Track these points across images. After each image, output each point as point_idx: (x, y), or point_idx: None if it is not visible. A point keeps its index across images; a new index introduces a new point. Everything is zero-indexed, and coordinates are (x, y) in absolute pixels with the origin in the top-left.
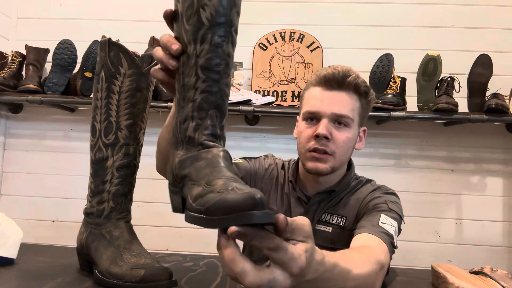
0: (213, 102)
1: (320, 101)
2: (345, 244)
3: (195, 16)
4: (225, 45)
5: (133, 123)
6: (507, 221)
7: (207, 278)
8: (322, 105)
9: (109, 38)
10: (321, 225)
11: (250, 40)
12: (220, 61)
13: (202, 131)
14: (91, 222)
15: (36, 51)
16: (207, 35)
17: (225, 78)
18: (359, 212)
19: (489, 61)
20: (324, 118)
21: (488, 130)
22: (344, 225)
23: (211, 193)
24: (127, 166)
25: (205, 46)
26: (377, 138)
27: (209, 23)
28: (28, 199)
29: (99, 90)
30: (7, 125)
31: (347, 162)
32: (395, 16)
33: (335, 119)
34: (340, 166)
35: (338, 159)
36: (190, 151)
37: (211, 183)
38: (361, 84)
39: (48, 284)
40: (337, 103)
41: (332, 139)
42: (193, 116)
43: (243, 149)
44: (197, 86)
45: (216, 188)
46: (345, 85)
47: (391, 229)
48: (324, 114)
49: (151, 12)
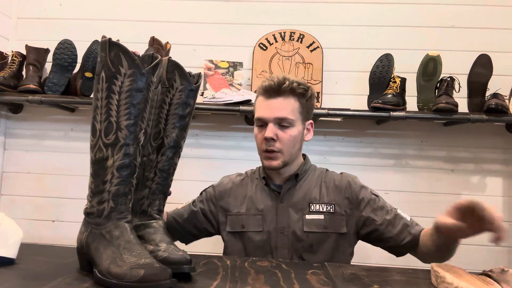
0: (161, 190)
1: (264, 108)
2: (334, 228)
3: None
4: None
5: (133, 123)
6: (507, 221)
7: (207, 278)
8: (266, 112)
9: (109, 38)
10: (313, 214)
11: (250, 40)
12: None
13: (153, 207)
14: (91, 222)
15: (36, 51)
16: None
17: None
18: (351, 202)
19: (489, 61)
20: (269, 122)
21: (488, 130)
22: (335, 211)
23: (163, 252)
24: (127, 166)
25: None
26: (377, 138)
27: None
28: (28, 199)
29: (99, 90)
30: (7, 125)
31: (298, 154)
32: (395, 16)
33: (278, 122)
34: (291, 159)
35: (286, 154)
36: (142, 220)
37: (159, 244)
38: (296, 88)
39: (48, 284)
40: (277, 108)
41: (278, 139)
42: (148, 197)
43: (243, 149)
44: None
45: (166, 247)
46: (282, 92)
47: (403, 214)
48: (268, 119)
49: (151, 12)
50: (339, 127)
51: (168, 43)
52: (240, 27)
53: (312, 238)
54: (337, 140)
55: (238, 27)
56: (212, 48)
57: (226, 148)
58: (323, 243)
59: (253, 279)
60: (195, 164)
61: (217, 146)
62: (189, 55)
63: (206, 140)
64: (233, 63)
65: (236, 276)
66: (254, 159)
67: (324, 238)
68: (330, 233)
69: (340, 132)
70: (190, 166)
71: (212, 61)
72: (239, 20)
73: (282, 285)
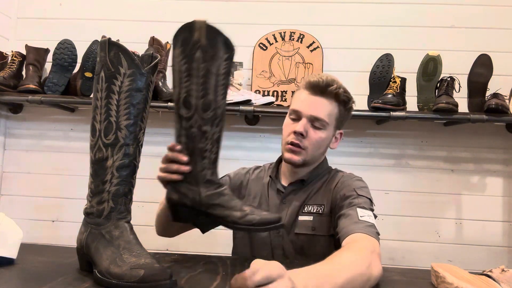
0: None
1: (303, 103)
2: (324, 230)
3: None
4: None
5: (133, 123)
6: (507, 221)
7: (207, 278)
8: (304, 106)
9: (109, 38)
10: (304, 216)
11: (250, 40)
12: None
13: (216, 175)
14: (91, 222)
15: (36, 51)
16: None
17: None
18: (333, 200)
19: (489, 61)
20: (304, 117)
21: (488, 130)
22: (323, 212)
23: (252, 215)
24: (127, 166)
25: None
26: (377, 138)
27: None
28: (28, 199)
29: (99, 90)
30: (7, 125)
31: (320, 157)
32: (395, 16)
33: (313, 120)
34: (312, 160)
35: (309, 154)
36: (209, 189)
37: (243, 208)
38: (341, 94)
39: (48, 284)
40: (317, 107)
41: (307, 137)
42: (210, 167)
43: (243, 149)
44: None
45: (251, 210)
46: (327, 93)
47: (370, 219)
48: (304, 114)
49: (151, 12)
50: None
51: (168, 43)
52: (240, 27)
53: (302, 240)
54: None
55: (238, 27)
56: None
57: (226, 148)
58: (313, 246)
59: None
60: None
61: None
62: None
63: None
64: (233, 63)
65: None
66: (254, 159)
67: (314, 241)
68: (320, 236)
69: None
70: None
71: None
72: (239, 20)
73: None
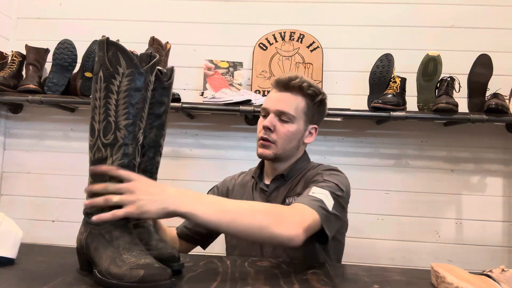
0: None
1: (270, 100)
2: None
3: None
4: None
5: (132, 123)
6: (507, 221)
7: (207, 278)
8: (271, 103)
9: (107, 38)
10: None
11: (250, 40)
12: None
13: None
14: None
15: (36, 51)
16: None
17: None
18: (305, 187)
19: (489, 61)
20: (271, 113)
21: (488, 130)
22: None
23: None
24: (127, 166)
25: None
26: (377, 138)
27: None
28: (28, 199)
29: (97, 90)
30: (7, 125)
31: (295, 151)
32: (395, 16)
33: (279, 114)
34: (284, 153)
35: (280, 147)
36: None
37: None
38: (306, 87)
39: (48, 284)
40: (282, 102)
41: (275, 131)
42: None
43: (243, 149)
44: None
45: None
46: (291, 87)
47: (320, 195)
48: (271, 110)
49: (151, 12)
50: (339, 127)
51: (168, 43)
52: (240, 27)
53: None
54: (337, 140)
55: (238, 27)
56: (212, 48)
57: (226, 148)
58: None
59: (253, 279)
60: (195, 164)
61: (217, 146)
62: (189, 55)
63: (206, 140)
64: (233, 63)
65: (236, 276)
66: (254, 159)
67: None
68: None
69: (340, 132)
70: (190, 166)
71: (212, 61)
72: (239, 20)
73: (282, 285)
